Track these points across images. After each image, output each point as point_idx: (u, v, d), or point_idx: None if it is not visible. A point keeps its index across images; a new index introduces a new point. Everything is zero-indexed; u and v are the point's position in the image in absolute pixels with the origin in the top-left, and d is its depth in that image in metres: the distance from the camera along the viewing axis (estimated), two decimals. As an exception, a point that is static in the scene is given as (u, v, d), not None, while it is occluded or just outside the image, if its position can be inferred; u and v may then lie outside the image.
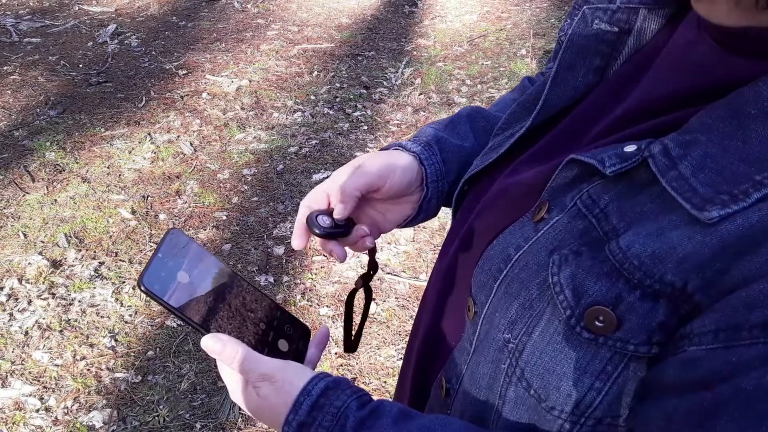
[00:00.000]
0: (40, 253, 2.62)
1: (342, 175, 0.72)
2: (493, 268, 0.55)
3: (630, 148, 0.47)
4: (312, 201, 0.72)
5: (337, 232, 0.70)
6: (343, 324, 0.80)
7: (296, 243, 0.71)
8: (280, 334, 0.66)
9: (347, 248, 0.74)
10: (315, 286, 2.48)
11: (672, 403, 0.42)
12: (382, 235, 0.79)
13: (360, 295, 0.80)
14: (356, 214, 0.74)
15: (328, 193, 0.72)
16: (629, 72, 0.58)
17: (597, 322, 0.46)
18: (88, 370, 2.16)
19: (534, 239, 0.52)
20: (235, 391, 0.61)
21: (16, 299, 2.42)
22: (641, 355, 0.45)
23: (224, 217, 2.84)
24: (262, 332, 0.64)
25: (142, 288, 0.58)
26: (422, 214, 0.77)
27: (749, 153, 0.42)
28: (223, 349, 0.58)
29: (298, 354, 0.66)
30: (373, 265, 0.76)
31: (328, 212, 0.71)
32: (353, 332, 0.80)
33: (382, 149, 0.78)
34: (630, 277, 0.45)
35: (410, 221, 0.78)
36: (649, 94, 0.53)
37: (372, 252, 0.75)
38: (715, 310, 0.41)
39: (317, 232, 0.69)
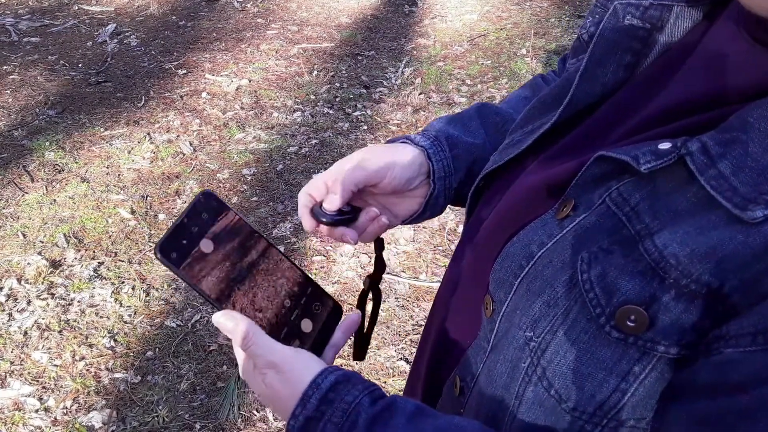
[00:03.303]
0: (40, 253, 2.61)
1: (343, 165, 0.71)
2: (514, 265, 0.54)
3: (664, 145, 0.46)
4: (312, 189, 0.72)
5: (344, 219, 0.70)
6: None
7: (308, 225, 0.71)
8: (306, 312, 0.62)
9: (359, 240, 0.74)
10: (315, 286, 2.47)
11: (704, 405, 0.42)
12: (388, 231, 0.78)
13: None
14: (363, 207, 0.73)
15: (327, 183, 0.72)
16: (660, 70, 0.57)
17: (628, 322, 0.45)
18: (88, 370, 2.15)
19: (559, 236, 0.51)
20: (245, 372, 0.60)
21: (15, 299, 2.41)
22: (670, 357, 0.45)
23: (224, 217, 2.83)
24: (285, 310, 0.61)
25: (158, 255, 0.54)
26: (428, 210, 0.77)
27: None
28: (235, 328, 0.56)
29: (323, 334, 0.63)
30: (380, 264, 0.74)
31: None
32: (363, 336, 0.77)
33: (388, 141, 0.77)
34: (665, 276, 0.44)
35: (416, 218, 0.77)
36: (682, 92, 0.52)
37: (379, 247, 0.74)
38: (754, 313, 0.40)
39: (324, 220, 0.69)
